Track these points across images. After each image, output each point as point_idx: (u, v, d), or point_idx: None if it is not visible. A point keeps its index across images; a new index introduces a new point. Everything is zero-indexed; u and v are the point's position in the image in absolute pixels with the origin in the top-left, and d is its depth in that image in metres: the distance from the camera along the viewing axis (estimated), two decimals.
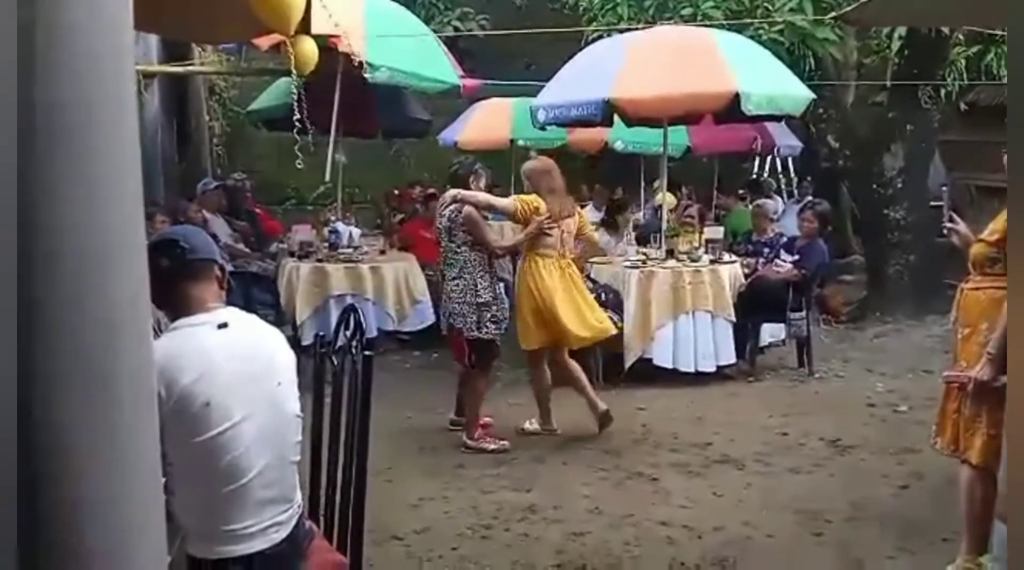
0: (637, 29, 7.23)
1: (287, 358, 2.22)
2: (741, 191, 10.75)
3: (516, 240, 4.97)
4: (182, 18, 3.27)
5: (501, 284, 5.05)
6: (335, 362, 2.48)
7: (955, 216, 3.29)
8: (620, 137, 8.54)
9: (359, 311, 2.49)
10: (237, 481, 2.03)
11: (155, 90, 7.45)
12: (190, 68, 7.78)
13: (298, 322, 6.43)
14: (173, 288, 2.09)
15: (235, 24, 3.27)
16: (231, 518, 2.04)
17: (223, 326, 2.08)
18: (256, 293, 6.49)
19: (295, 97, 5.45)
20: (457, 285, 4.67)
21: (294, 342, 4.40)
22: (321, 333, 2.75)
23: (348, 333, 2.56)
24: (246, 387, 2.06)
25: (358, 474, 2.35)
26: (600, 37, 7.64)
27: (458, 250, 4.68)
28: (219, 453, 2.00)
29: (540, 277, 4.78)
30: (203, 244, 2.17)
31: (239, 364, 2.06)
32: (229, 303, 2.23)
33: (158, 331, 2.06)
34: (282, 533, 2.12)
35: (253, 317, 2.27)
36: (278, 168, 10.08)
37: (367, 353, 2.37)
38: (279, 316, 6.31)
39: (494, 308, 4.71)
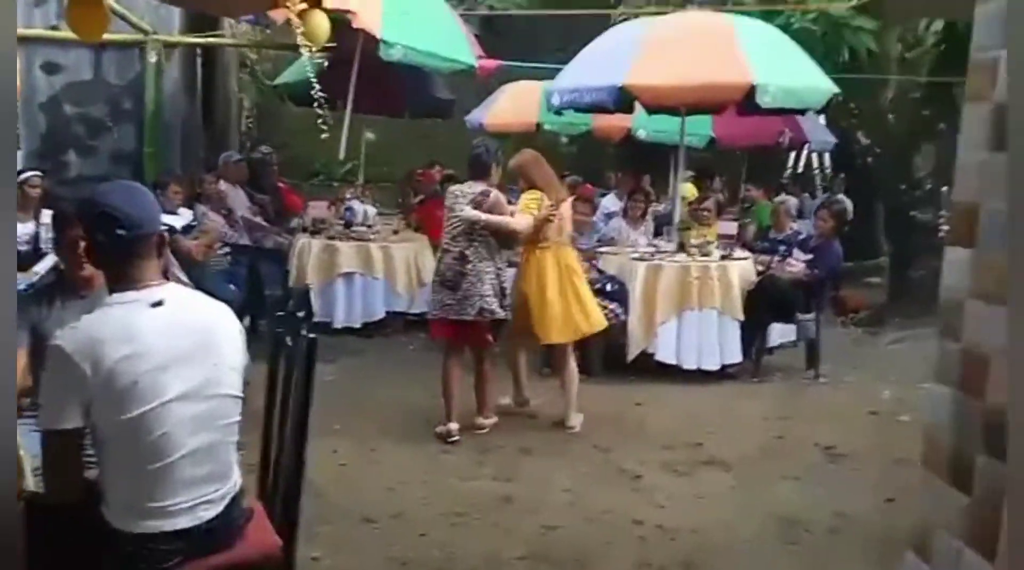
0: (664, 13, 7.07)
1: (230, 337, 2.18)
2: (780, 182, 10.52)
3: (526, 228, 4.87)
4: None
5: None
6: (289, 342, 2.47)
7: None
8: (642, 125, 8.41)
9: (310, 293, 2.48)
10: (164, 459, 2.02)
11: (176, 61, 7.49)
12: (209, 40, 7.79)
13: None
14: (108, 262, 2.09)
15: None
16: (157, 495, 2.04)
17: (157, 304, 2.06)
18: (264, 268, 6.52)
19: (312, 72, 5.48)
20: (487, 268, 4.63)
21: None
22: (281, 313, 2.73)
23: (301, 313, 2.56)
24: (178, 366, 2.04)
25: (295, 457, 2.34)
26: (626, 20, 7.50)
27: (485, 235, 4.63)
28: (146, 431, 1.99)
29: (543, 270, 4.80)
30: (145, 217, 2.07)
31: (172, 343, 2.04)
32: (235, 276, 2.21)
33: None
34: (212, 512, 2.12)
35: (195, 294, 2.25)
36: (307, 144, 10.10)
37: (311, 336, 2.35)
38: (286, 291, 6.33)
39: (508, 290, 4.80)
